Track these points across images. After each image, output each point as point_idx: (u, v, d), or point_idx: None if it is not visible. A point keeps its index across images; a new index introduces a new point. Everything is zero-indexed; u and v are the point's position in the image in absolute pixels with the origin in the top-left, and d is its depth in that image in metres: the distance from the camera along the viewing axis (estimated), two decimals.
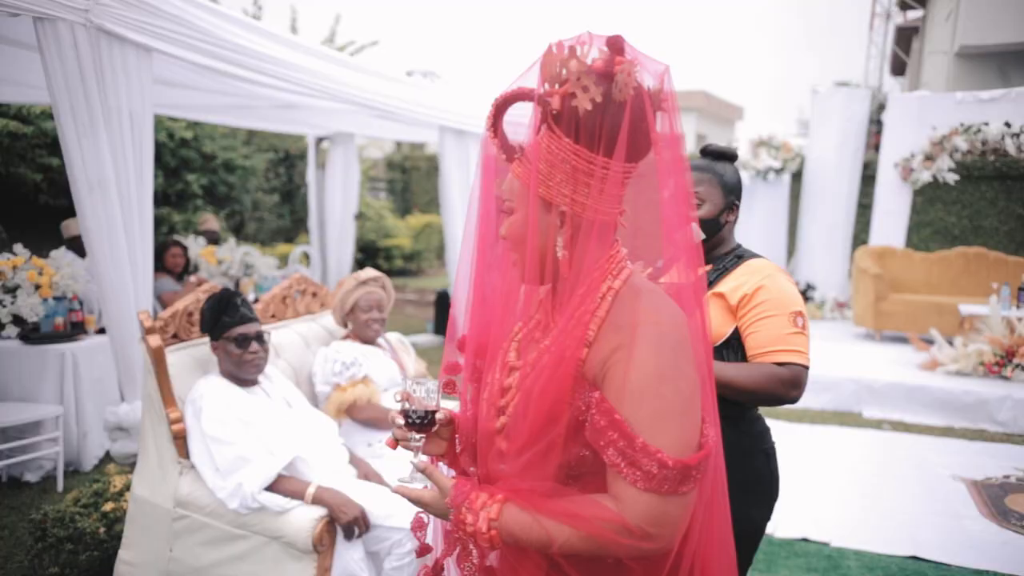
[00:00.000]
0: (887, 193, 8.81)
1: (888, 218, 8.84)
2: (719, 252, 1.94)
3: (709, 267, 1.92)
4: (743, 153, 9.27)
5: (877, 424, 5.70)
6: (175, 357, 2.74)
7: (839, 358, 6.88)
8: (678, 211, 1.18)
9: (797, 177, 9.81)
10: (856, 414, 5.95)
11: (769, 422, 5.90)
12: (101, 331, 4.67)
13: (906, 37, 18.42)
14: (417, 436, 1.29)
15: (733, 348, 1.86)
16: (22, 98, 6.22)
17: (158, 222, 8.91)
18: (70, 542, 2.98)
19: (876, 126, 11.24)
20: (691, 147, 23.46)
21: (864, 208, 10.00)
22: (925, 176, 8.45)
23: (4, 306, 4.37)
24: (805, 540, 3.67)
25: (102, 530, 3.01)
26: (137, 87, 3.45)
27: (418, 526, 1.39)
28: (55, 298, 4.50)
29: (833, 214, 9.34)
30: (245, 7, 12.46)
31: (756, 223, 9.53)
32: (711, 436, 1.14)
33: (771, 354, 1.77)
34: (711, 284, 1.87)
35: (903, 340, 7.74)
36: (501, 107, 1.20)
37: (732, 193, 1.91)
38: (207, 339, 2.84)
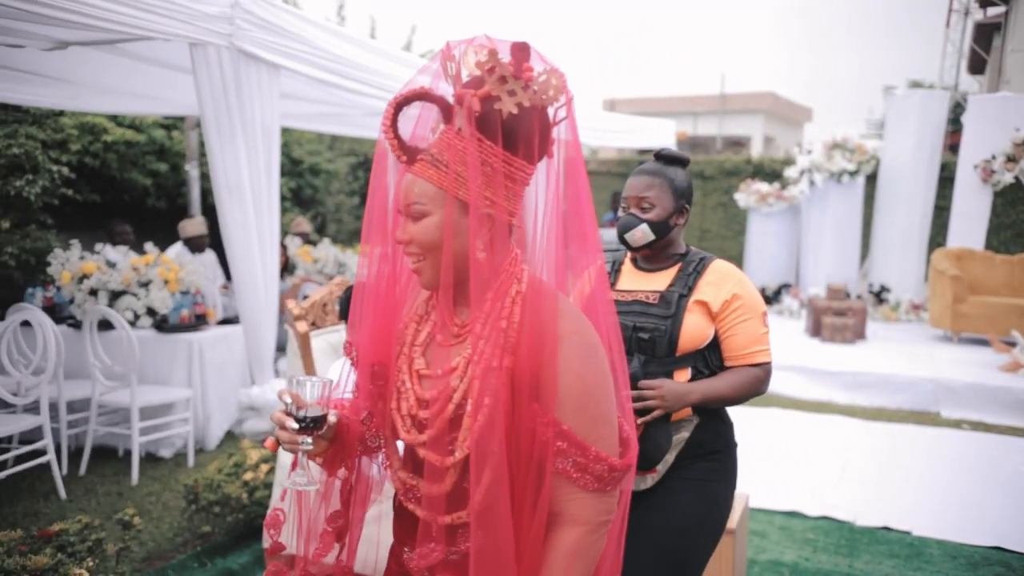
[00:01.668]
0: (966, 195, 8.71)
1: (967, 220, 8.74)
2: (670, 252, 2.04)
3: (676, 267, 2.02)
4: (817, 155, 9.29)
5: (956, 424, 5.74)
6: (313, 343, 3.09)
7: (915, 359, 6.91)
8: (580, 212, 1.22)
9: (871, 179, 9.77)
10: (934, 414, 5.99)
11: (845, 420, 5.95)
12: (221, 323, 5.11)
13: (986, 34, 17.90)
14: (309, 440, 1.21)
15: (715, 348, 1.99)
16: (144, 109, 6.77)
17: None
18: (218, 505, 3.37)
19: (952, 126, 11.07)
20: (759, 149, 23.24)
21: (939, 210, 9.89)
22: (1007, 178, 8.33)
23: (139, 299, 4.85)
24: (887, 529, 3.81)
25: (244, 496, 3.39)
26: (268, 102, 3.83)
27: (273, 523, 1.36)
28: (181, 292, 4.96)
29: (909, 216, 9.28)
30: (328, 16, 13.04)
31: (829, 225, 9.53)
32: (629, 431, 1.23)
33: (750, 355, 1.95)
34: (690, 290, 1.96)
35: (982, 342, 7.68)
36: (400, 107, 1.17)
37: (682, 197, 2.00)
38: (339, 326, 3.19)
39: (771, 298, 9.81)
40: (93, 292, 4.85)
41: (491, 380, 1.12)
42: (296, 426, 1.20)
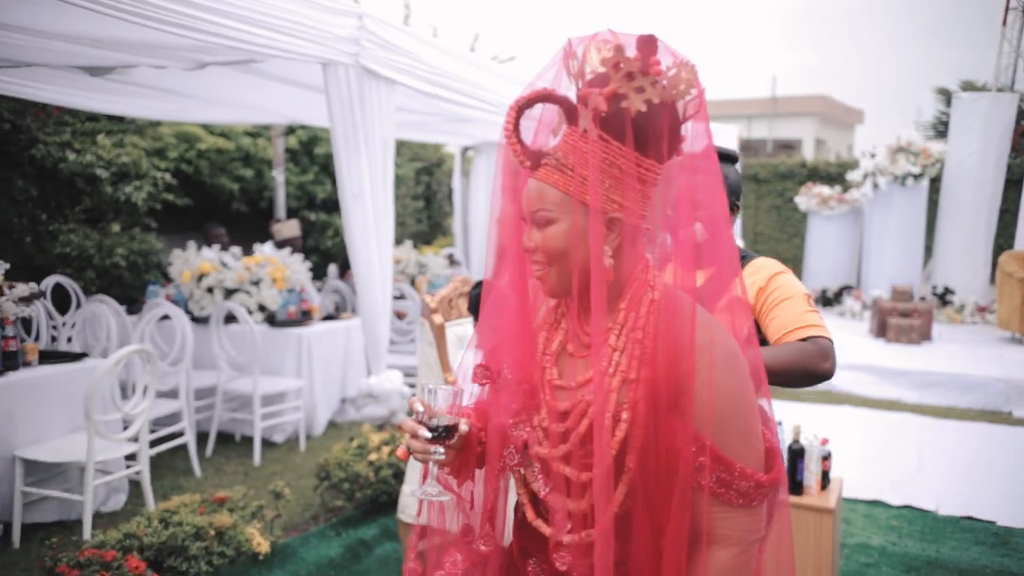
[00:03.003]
0: None
1: None
2: None
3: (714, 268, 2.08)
4: (880, 158, 9.39)
5: None
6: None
7: (984, 360, 6.99)
8: (716, 216, 1.15)
9: (934, 181, 9.82)
10: (1006, 414, 6.08)
11: (917, 417, 6.06)
12: (324, 319, 5.48)
13: None
14: (441, 450, 1.19)
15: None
16: (239, 118, 7.22)
17: (325, 226, 9.91)
18: (347, 482, 3.71)
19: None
20: (811, 153, 23.12)
21: (1002, 213, 9.88)
22: None
23: (251, 296, 5.24)
24: (970, 518, 3.99)
25: (371, 474, 3.72)
26: (386, 115, 4.17)
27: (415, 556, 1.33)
28: (288, 290, 5.34)
29: (974, 219, 9.31)
30: None
31: (892, 228, 9.61)
32: (774, 442, 1.17)
33: (794, 332, 1.76)
34: None
35: None
36: (522, 110, 1.12)
37: (733, 195, 1.93)
38: (463, 320, 3.50)
39: (832, 300, 9.91)
40: (210, 290, 5.26)
41: (628, 393, 1.09)
42: (429, 435, 1.17)
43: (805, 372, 1.71)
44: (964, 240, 9.37)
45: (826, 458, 3.24)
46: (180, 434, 4.37)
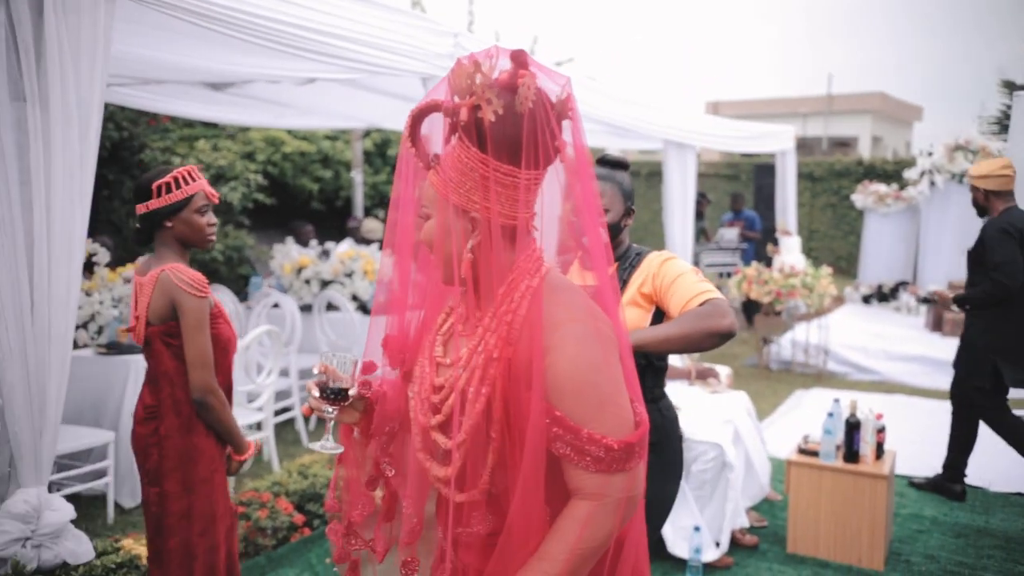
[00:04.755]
0: None
1: None
2: (618, 252, 2.10)
3: (615, 266, 2.02)
4: (938, 156, 9.51)
5: None
6: None
7: None
8: (587, 214, 1.23)
9: None
10: None
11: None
12: None
13: None
14: (331, 408, 1.34)
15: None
16: (323, 124, 7.79)
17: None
18: None
19: None
20: (867, 150, 22.92)
21: None
22: None
23: (344, 287, 5.76)
24: (1020, 494, 4.26)
25: None
26: None
27: (336, 533, 1.44)
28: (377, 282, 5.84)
29: None
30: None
31: (949, 225, 9.70)
32: (643, 413, 1.22)
33: (691, 301, 1.89)
34: (627, 282, 2.02)
35: None
36: (417, 118, 1.24)
37: (629, 199, 2.07)
38: None
39: (888, 295, 10.05)
40: (307, 281, 5.81)
41: (490, 370, 1.18)
42: (317, 394, 1.34)
43: (709, 332, 1.84)
44: None
45: (880, 431, 3.58)
46: (289, 409, 4.90)
